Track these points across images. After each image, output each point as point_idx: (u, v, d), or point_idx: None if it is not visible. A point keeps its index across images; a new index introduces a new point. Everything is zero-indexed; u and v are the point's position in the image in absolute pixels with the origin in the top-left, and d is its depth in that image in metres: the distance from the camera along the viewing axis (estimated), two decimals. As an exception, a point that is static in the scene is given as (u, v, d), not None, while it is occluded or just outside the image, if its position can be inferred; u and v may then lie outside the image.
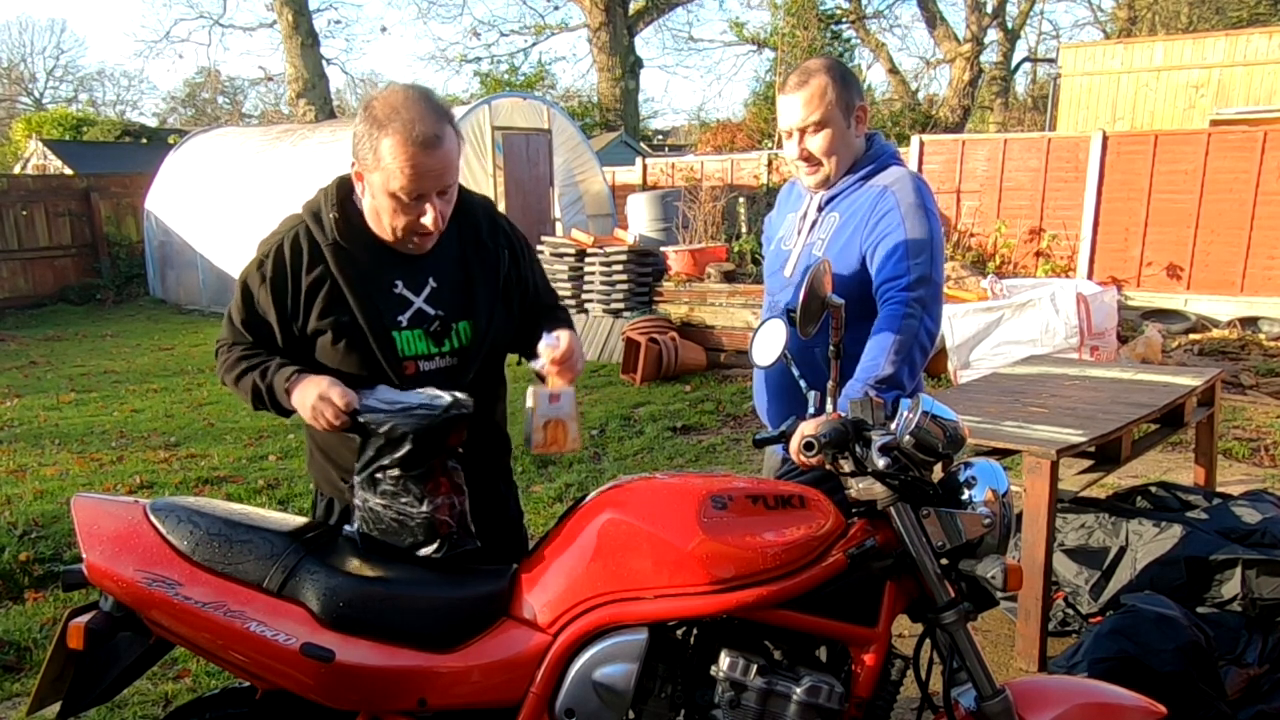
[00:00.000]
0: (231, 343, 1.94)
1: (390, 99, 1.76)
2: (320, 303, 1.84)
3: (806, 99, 2.14)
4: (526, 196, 12.06)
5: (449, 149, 1.77)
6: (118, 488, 5.13)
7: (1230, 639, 2.80)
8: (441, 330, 1.91)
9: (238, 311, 1.91)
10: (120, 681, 1.84)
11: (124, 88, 46.98)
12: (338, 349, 1.85)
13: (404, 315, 1.89)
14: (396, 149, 1.71)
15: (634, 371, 7.68)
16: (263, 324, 1.89)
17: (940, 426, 1.66)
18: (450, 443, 1.79)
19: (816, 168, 2.22)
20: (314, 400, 1.75)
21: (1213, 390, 4.07)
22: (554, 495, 4.91)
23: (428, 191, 1.77)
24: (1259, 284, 9.16)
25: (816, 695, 1.61)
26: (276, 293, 1.85)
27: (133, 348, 10.23)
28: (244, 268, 1.91)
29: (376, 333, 1.85)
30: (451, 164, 1.79)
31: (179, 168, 13.82)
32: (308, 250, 1.85)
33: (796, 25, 21.79)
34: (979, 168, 10.63)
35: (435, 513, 1.75)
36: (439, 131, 1.74)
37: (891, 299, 2.03)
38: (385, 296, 1.87)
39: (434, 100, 1.78)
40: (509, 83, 25.55)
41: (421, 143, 1.71)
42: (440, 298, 1.91)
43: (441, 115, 1.76)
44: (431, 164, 1.74)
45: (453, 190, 1.84)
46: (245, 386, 1.88)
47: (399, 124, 1.71)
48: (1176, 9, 21.49)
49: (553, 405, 1.87)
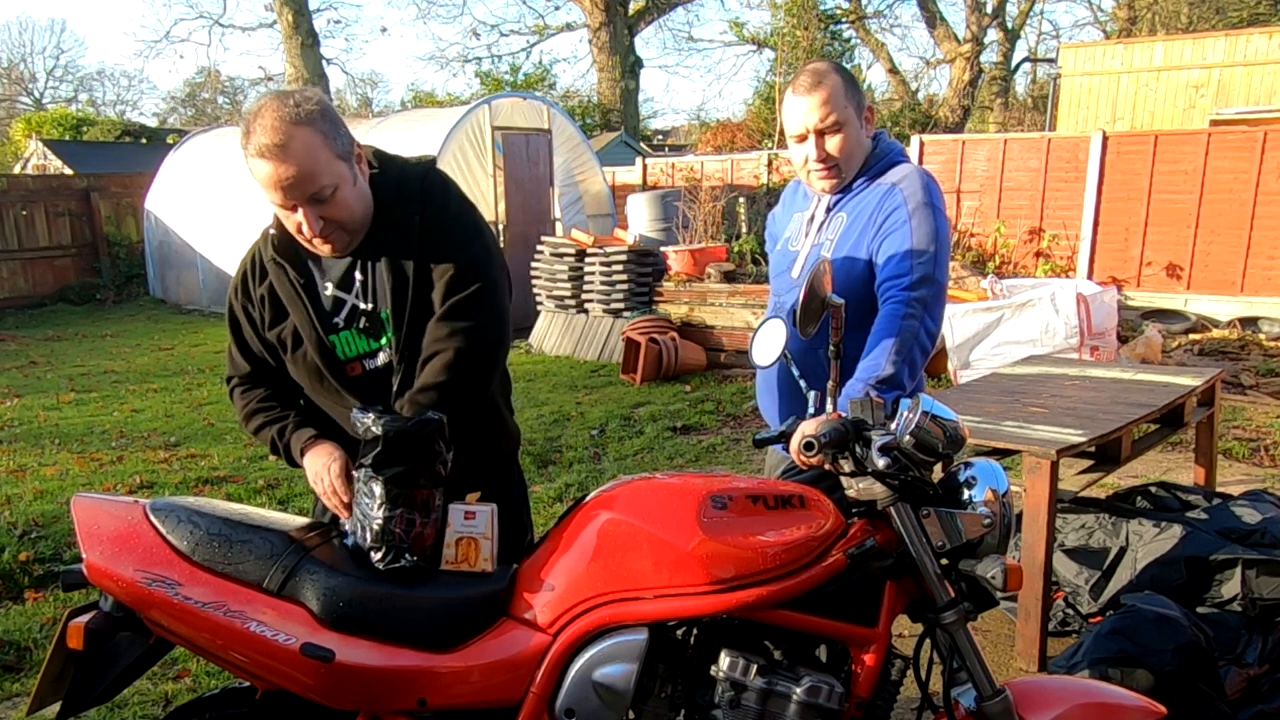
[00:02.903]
0: (240, 380, 2.01)
1: (254, 106, 1.72)
2: (269, 316, 1.90)
3: (824, 99, 2.10)
4: (526, 196, 12.05)
5: (300, 154, 1.67)
6: (118, 488, 5.13)
7: (1230, 639, 2.80)
8: (372, 325, 1.88)
9: (231, 339, 1.99)
10: (120, 681, 1.84)
11: (124, 88, 47.05)
12: (295, 358, 1.90)
13: (339, 316, 1.89)
14: (251, 163, 1.71)
15: (634, 371, 7.68)
16: (248, 346, 1.96)
17: (940, 426, 1.66)
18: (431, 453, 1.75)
19: (834, 170, 2.18)
20: (318, 468, 1.85)
21: (1213, 390, 4.07)
22: (554, 495, 4.91)
23: (294, 200, 1.73)
24: (1259, 284, 9.16)
25: (816, 695, 1.61)
26: (245, 310, 1.94)
27: (133, 348, 10.23)
28: (227, 294, 1.98)
29: (314, 339, 1.87)
30: (308, 171, 1.69)
31: (179, 168, 13.82)
32: (259, 266, 1.91)
33: (796, 25, 21.81)
34: (979, 168, 10.63)
35: (390, 523, 1.71)
36: (282, 140, 1.66)
37: (893, 298, 2.01)
38: (318, 302, 1.89)
39: (291, 102, 1.69)
40: (509, 83, 25.55)
41: (269, 153, 1.67)
42: (367, 289, 1.88)
43: (295, 119, 1.67)
44: (280, 174, 1.68)
45: (333, 195, 1.74)
46: (264, 438, 1.96)
47: (250, 137, 1.70)
48: (1176, 9, 21.48)
49: (466, 522, 1.78)
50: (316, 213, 1.74)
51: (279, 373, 1.97)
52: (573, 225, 11.83)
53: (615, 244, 8.91)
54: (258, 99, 1.77)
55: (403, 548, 1.72)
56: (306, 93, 1.75)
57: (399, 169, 1.90)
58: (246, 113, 1.74)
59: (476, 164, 11.55)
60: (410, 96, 28.99)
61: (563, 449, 5.85)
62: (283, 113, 1.68)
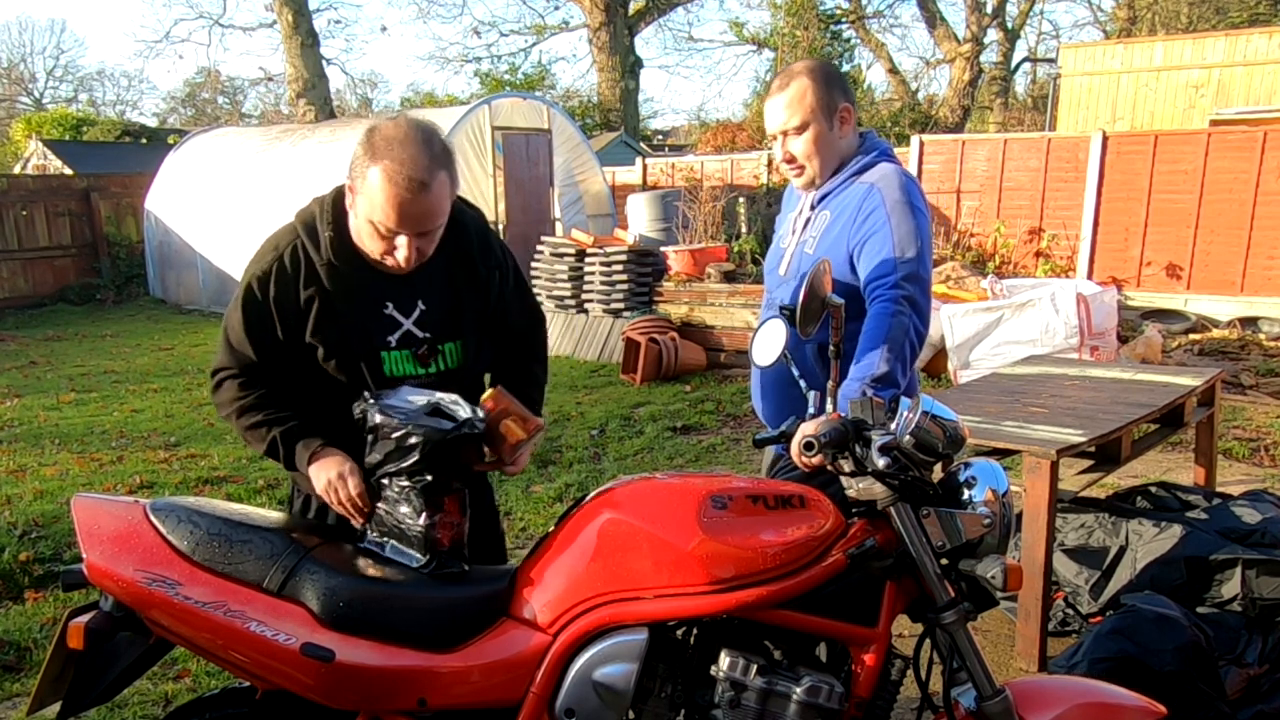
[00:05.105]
0: (234, 373, 1.92)
1: (392, 131, 1.74)
2: (314, 319, 1.86)
3: (787, 102, 2.16)
4: (526, 196, 12.05)
5: (436, 195, 1.75)
6: (118, 488, 5.13)
7: (1230, 639, 2.80)
8: (428, 353, 1.93)
9: (239, 325, 1.88)
10: (120, 681, 1.84)
11: (124, 88, 47.04)
12: (329, 364, 1.88)
13: (393, 336, 1.91)
14: (383, 184, 1.71)
15: (634, 371, 7.68)
16: (265, 337, 1.88)
17: (940, 426, 1.66)
18: (461, 460, 1.80)
19: (800, 170, 2.24)
20: (331, 477, 1.83)
21: (1213, 390, 4.07)
22: (554, 495, 4.91)
23: (406, 231, 1.76)
24: (1259, 284, 9.16)
25: (816, 695, 1.61)
26: (280, 307, 1.86)
27: (133, 348, 10.23)
28: (242, 284, 1.90)
29: (365, 353, 1.88)
30: (435, 210, 1.77)
31: (179, 168, 13.82)
32: (305, 266, 1.86)
33: (796, 25, 21.82)
34: (979, 168, 10.63)
35: (431, 529, 1.74)
36: (428, 178, 1.72)
37: (881, 297, 2.03)
38: (375, 317, 1.89)
39: (435, 142, 1.76)
40: (509, 83, 25.55)
41: (407, 186, 1.71)
42: (428, 320, 1.93)
43: (437, 160, 1.74)
44: (413, 209, 1.73)
45: (436, 231, 1.83)
46: (259, 436, 1.90)
47: (391, 161, 1.71)
48: (1176, 9, 21.48)
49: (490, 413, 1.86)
50: (418, 243, 1.79)
51: (281, 372, 1.93)
52: (573, 225, 11.83)
53: (615, 244, 8.91)
54: (396, 118, 1.80)
55: (442, 554, 1.75)
56: (434, 126, 1.82)
57: (459, 208, 1.96)
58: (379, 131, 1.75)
59: (476, 164, 11.56)
60: (410, 96, 29.02)
61: (563, 449, 5.85)
62: (434, 150, 1.74)
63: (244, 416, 1.91)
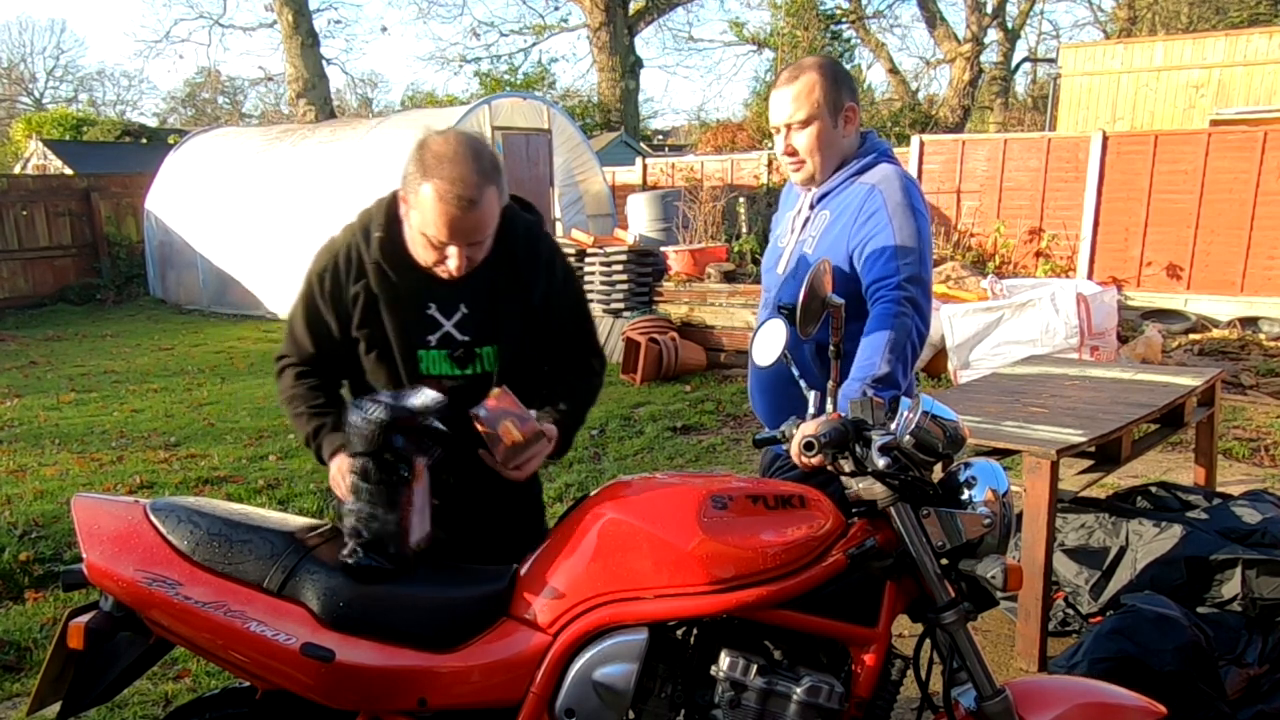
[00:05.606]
0: (293, 361, 2.04)
1: (442, 148, 1.79)
2: (359, 313, 1.95)
3: (794, 95, 2.15)
4: (526, 196, 12.06)
5: (485, 211, 1.81)
6: (118, 488, 5.13)
7: (1230, 639, 2.80)
8: (465, 356, 1.98)
9: (300, 317, 2.01)
10: (120, 681, 1.84)
11: (124, 88, 46.99)
12: (369, 358, 1.97)
13: (433, 336, 1.97)
14: (433, 199, 1.76)
15: (634, 371, 7.68)
16: (322, 329, 1.98)
17: (940, 426, 1.66)
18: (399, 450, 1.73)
19: (800, 164, 2.23)
20: (335, 473, 1.91)
21: (1213, 390, 4.07)
22: (554, 495, 4.91)
23: (456, 243, 1.82)
24: (1259, 284, 9.16)
25: (816, 695, 1.61)
26: (334, 300, 1.96)
27: (133, 348, 10.23)
28: (305, 279, 2.01)
29: (403, 350, 1.95)
30: (484, 224, 1.83)
31: (179, 168, 13.82)
32: (356, 263, 1.95)
33: (796, 25, 21.83)
34: (979, 168, 10.63)
35: (353, 515, 1.71)
36: (476, 196, 1.77)
37: (883, 298, 2.03)
38: (417, 317, 1.96)
39: (484, 157, 1.81)
40: (509, 83, 25.55)
41: (456, 203, 1.76)
42: (469, 324, 1.98)
43: (486, 175, 1.80)
44: (462, 224, 1.79)
45: (486, 240, 1.88)
46: (300, 425, 2.01)
47: (441, 178, 1.76)
48: (1176, 9, 21.49)
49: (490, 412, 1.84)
50: (468, 253, 1.85)
51: (336, 363, 2.02)
52: (573, 225, 11.83)
53: (615, 244, 8.91)
54: (447, 134, 1.84)
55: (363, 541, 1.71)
56: (484, 141, 1.89)
57: (510, 214, 1.99)
58: (429, 147, 1.80)
59: (476, 164, 11.53)
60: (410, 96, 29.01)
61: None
62: (483, 166, 1.79)
63: (291, 405, 2.02)
